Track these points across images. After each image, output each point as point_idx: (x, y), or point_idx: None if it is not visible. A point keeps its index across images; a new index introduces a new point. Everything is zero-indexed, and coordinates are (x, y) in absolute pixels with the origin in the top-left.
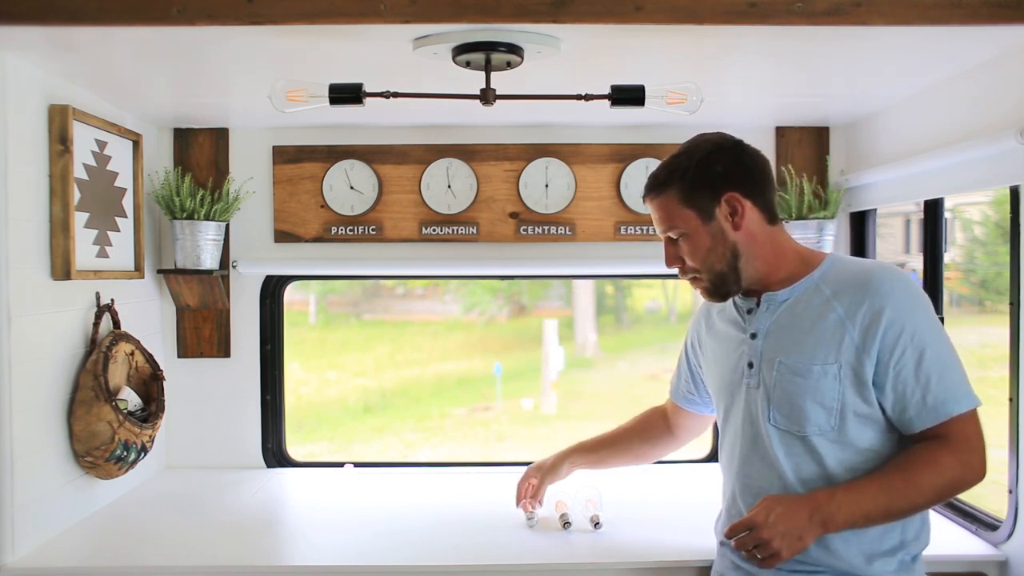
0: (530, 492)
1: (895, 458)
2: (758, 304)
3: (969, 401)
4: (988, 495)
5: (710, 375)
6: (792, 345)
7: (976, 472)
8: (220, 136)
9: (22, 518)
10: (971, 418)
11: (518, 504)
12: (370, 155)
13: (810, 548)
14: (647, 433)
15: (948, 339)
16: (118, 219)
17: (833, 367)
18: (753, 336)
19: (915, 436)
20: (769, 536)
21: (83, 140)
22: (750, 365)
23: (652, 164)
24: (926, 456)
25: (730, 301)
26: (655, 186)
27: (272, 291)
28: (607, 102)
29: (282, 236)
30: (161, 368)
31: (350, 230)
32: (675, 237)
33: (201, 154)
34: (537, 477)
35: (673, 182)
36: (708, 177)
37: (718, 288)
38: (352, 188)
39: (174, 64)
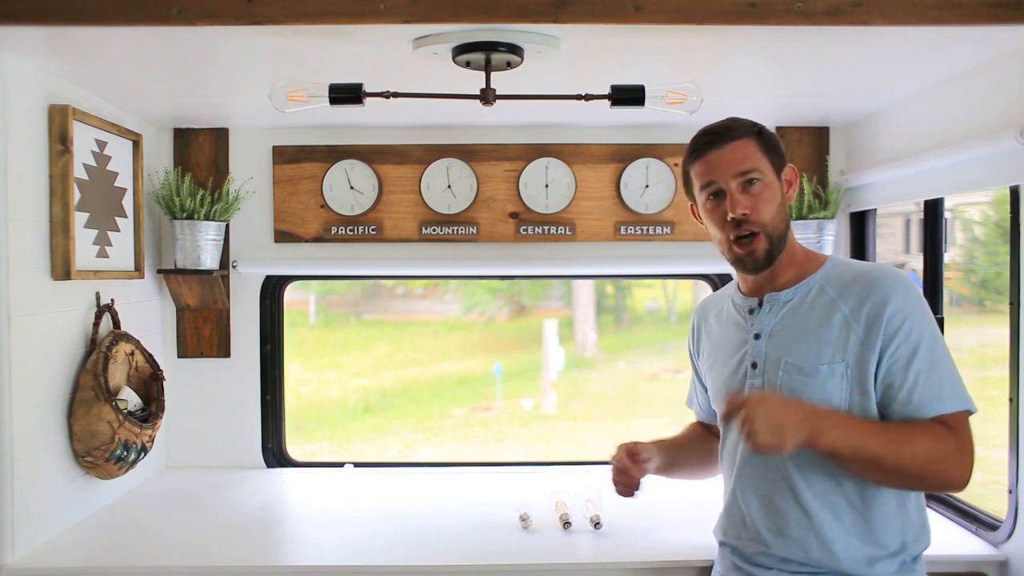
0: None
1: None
2: (760, 304)
3: (957, 402)
4: (988, 495)
5: (711, 376)
6: (798, 345)
7: (964, 469)
8: (220, 136)
9: (22, 518)
10: (963, 420)
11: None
12: (370, 155)
13: (811, 550)
14: (705, 445)
15: (943, 342)
16: (118, 219)
17: (840, 366)
18: (757, 336)
19: None
20: (749, 416)
21: (83, 140)
22: (754, 365)
23: (652, 164)
24: (929, 427)
25: (729, 302)
26: (728, 131)
27: (272, 291)
28: (607, 102)
29: (282, 236)
30: (161, 368)
31: (350, 230)
32: (753, 180)
33: (201, 154)
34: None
35: (749, 133)
36: (776, 140)
37: (770, 250)
38: (352, 188)
39: (174, 64)
